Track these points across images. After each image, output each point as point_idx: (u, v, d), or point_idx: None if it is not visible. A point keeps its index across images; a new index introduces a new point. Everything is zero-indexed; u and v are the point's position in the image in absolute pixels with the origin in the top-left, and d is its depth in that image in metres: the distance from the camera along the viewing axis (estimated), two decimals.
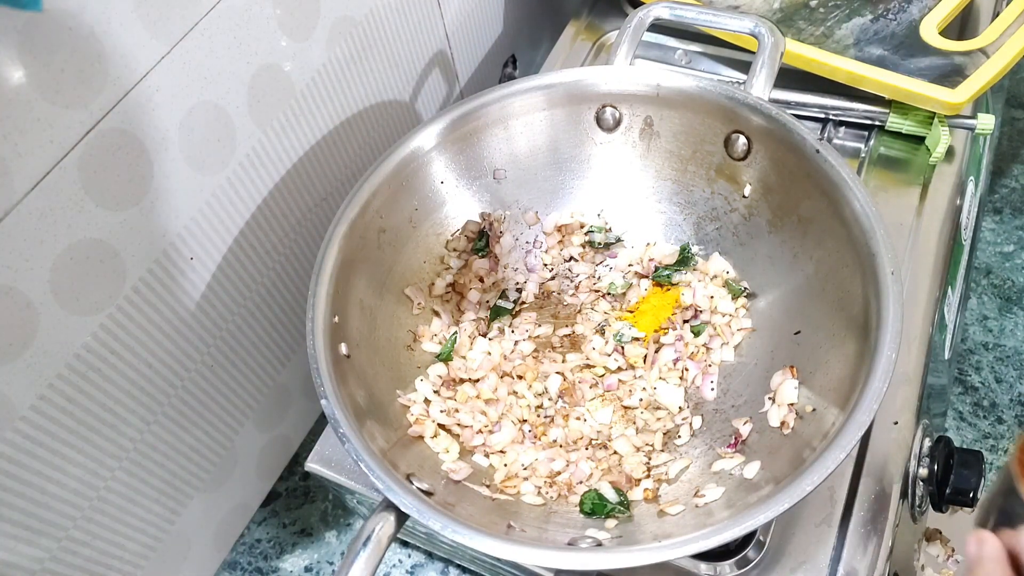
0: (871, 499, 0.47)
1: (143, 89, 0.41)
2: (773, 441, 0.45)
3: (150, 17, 0.40)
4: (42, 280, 0.39)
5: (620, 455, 0.49)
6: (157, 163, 0.44)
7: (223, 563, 0.61)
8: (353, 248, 0.50)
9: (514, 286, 0.58)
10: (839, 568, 0.45)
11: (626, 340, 0.54)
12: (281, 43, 0.50)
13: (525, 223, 0.59)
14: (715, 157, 0.54)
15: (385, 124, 0.63)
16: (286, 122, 0.52)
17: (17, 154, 0.36)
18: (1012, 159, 0.83)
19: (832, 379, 0.44)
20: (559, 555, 0.38)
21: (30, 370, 0.40)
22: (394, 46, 0.61)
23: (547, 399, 0.53)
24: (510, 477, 0.48)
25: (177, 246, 0.47)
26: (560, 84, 0.55)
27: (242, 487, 0.60)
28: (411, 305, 0.55)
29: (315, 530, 0.65)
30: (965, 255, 0.64)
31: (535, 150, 0.57)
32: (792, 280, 0.51)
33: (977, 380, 0.69)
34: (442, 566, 0.62)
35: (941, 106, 0.58)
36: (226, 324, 0.53)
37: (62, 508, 0.44)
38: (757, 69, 0.51)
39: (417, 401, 0.50)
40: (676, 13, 0.55)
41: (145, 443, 0.49)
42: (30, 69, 0.35)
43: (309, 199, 0.58)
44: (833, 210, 0.47)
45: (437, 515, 0.39)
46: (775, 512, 0.37)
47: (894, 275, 0.42)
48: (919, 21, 0.63)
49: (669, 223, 0.58)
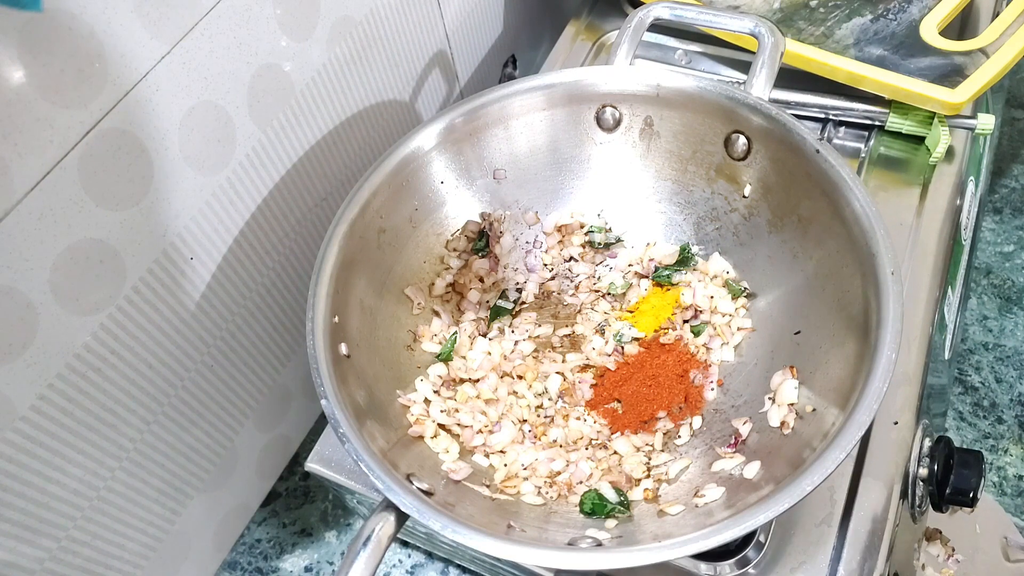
0: (871, 499, 0.47)
1: (143, 89, 0.41)
2: (773, 441, 0.45)
3: (150, 17, 0.40)
4: (42, 280, 0.39)
5: (620, 455, 0.49)
6: (157, 163, 0.44)
7: (223, 563, 0.61)
8: (353, 248, 0.50)
9: (514, 286, 0.58)
10: (839, 568, 0.45)
11: (626, 340, 0.54)
12: (281, 43, 0.50)
13: (525, 223, 0.59)
14: (715, 157, 0.54)
15: (385, 124, 0.63)
16: (286, 122, 0.52)
17: (17, 154, 0.36)
18: (1012, 159, 0.83)
19: (832, 379, 0.44)
20: (559, 555, 0.38)
21: (30, 370, 0.40)
22: (394, 46, 0.61)
23: (547, 399, 0.53)
24: (510, 477, 0.48)
25: (177, 246, 0.47)
26: (560, 84, 0.55)
27: (242, 487, 0.60)
28: (411, 305, 0.55)
29: (315, 530, 0.65)
30: (965, 255, 0.64)
31: (535, 150, 0.57)
32: (792, 280, 0.51)
33: (977, 380, 0.69)
34: (442, 566, 0.62)
35: (941, 106, 0.58)
36: (226, 324, 0.53)
37: (62, 508, 0.44)
38: (757, 69, 0.51)
39: (417, 401, 0.50)
40: (676, 13, 0.55)
41: (145, 443, 0.49)
42: (30, 69, 0.35)
43: (309, 199, 0.58)
44: (833, 210, 0.47)
45: (437, 515, 0.39)
46: (775, 512, 0.37)
47: (894, 275, 0.42)
48: (919, 21, 0.63)
49: (669, 223, 0.58)
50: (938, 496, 0.49)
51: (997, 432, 0.66)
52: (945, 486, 0.48)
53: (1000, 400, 0.68)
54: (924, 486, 0.50)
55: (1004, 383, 0.69)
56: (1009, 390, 0.68)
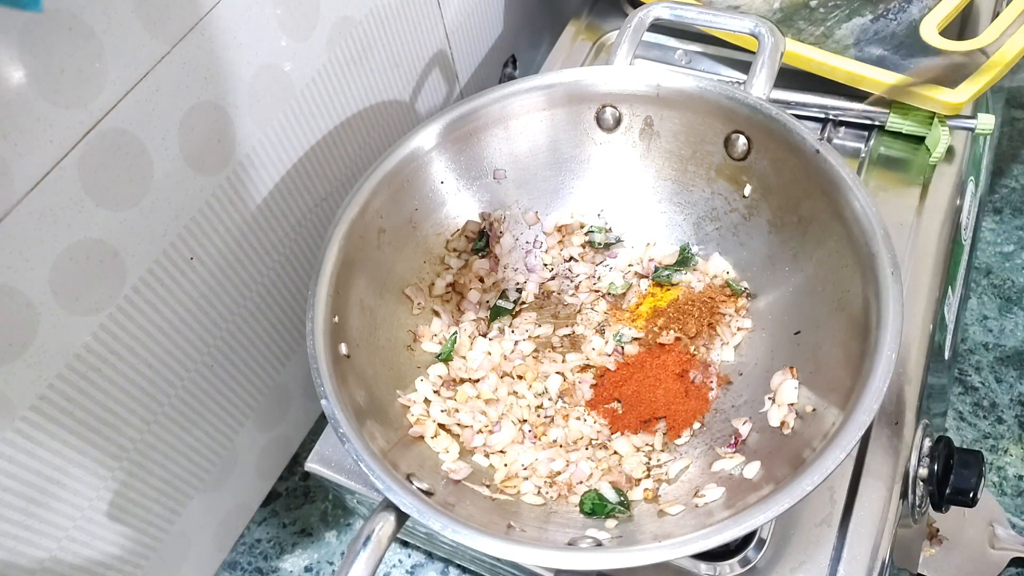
0: (871, 499, 0.47)
1: (143, 89, 0.41)
2: (773, 441, 0.45)
3: (150, 17, 0.40)
4: (42, 280, 0.39)
5: (620, 455, 0.49)
6: (157, 163, 0.44)
7: (223, 563, 0.61)
8: (353, 248, 0.50)
9: (514, 286, 0.58)
10: (839, 568, 0.45)
11: (626, 340, 0.54)
12: (281, 43, 0.50)
13: (525, 223, 0.59)
14: (715, 157, 0.54)
15: (385, 124, 0.63)
16: (286, 122, 0.52)
17: (17, 154, 0.36)
18: (1012, 159, 0.83)
19: (832, 379, 0.44)
20: (559, 555, 0.38)
21: (30, 370, 0.40)
22: (394, 46, 0.61)
23: (547, 399, 0.53)
24: (510, 477, 0.48)
25: (177, 246, 0.47)
26: (560, 84, 0.55)
27: (242, 487, 0.60)
28: (411, 305, 0.55)
29: (315, 530, 0.65)
30: (965, 255, 0.64)
31: (535, 150, 0.57)
32: (792, 280, 0.51)
33: (977, 380, 0.69)
34: (442, 566, 0.62)
35: (941, 106, 0.58)
36: (226, 324, 0.53)
37: (62, 508, 0.44)
38: (757, 69, 0.51)
39: (417, 401, 0.50)
40: (676, 13, 0.55)
41: (145, 443, 0.49)
42: (30, 69, 0.35)
43: (309, 199, 0.58)
44: (833, 210, 0.47)
45: (437, 515, 0.39)
46: (775, 512, 0.37)
47: (894, 275, 0.42)
48: (919, 21, 0.63)
49: (669, 223, 0.58)
50: (938, 496, 0.49)
51: (997, 432, 0.66)
52: (945, 486, 0.48)
53: (1000, 400, 0.68)
54: (924, 486, 0.50)
55: (1004, 383, 0.69)
56: (1009, 390, 0.68)
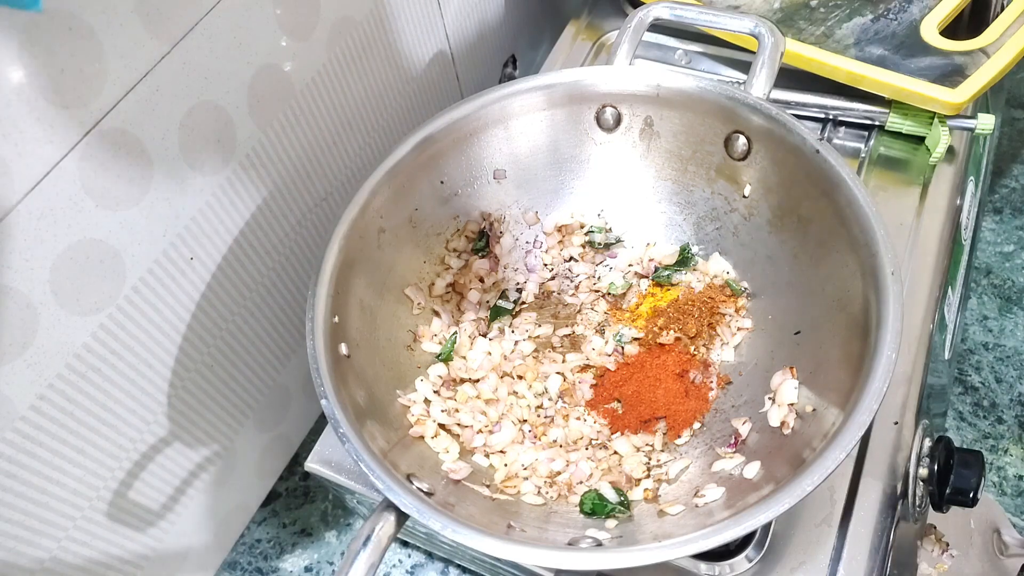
0: (871, 499, 0.47)
1: (143, 89, 0.41)
2: (773, 441, 0.45)
3: (150, 17, 0.40)
4: (42, 280, 0.39)
5: (620, 455, 0.49)
6: (157, 163, 0.44)
7: (223, 563, 0.61)
8: (353, 248, 0.50)
9: (514, 286, 0.58)
10: (839, 568, 0.45)
11: (626, 340, 0.54)
12: (281, 43, 0.50)
13: (525, 223, 0.59)
14: (715, 157, 0.54)
15: (385, 124, 0.63)
16: (286, 122, 0.52)
17: (17, 154, 0.36)
18: (1012, 159, 0.83)
19: (832, 379, 0.44)
20: (559, 555, 0.38)
21: (30, 370, 0.40)
22: (394, 46, 0.61)
23: (547, 399, 0.53)
24: (510, 477, 0.48)
25: (177, 246, 0.47)
26: (560, 84, 0.55)
27: (242, 487, 0.60)
28: (411, 305, 0.55)
29: (315, 530, 0.65)
30: (965, 255, 0.64)
31: (535, 150, 0.57)
32: (792, 280, 0.51)
33: (977, 380, 0.69)
34: (442, 566, 0.62)
35: (941, 106, 0.58)
36: (226, 324, 0.53)
37: (62, 508, 0.44)
38: (757, 69, 0.51)
39: (417, 401, 0.50)
40: (676, 13, 0.55)
41: (145, 443, 0.49)
42: (30, 69, 0.35)
43: (309, 199, 0.58)
44: (833, 210, 0.47)
45: (437, 515, 0.39)
46: (775, 512, 0.37)
47: (894, 275, 0.42)
48: (919, 21, 0.63)
49: (669, 223, 0.58)
50: (938, 496, 0.49)
51: (997, 432, 0.66)
52: (945, 486, 0.48)
53: (1000, 400, 0.68)
54: (924, 486, 0.50)
55: (1004, 383, 0.69)
56: (1009, 390, 0.68)
